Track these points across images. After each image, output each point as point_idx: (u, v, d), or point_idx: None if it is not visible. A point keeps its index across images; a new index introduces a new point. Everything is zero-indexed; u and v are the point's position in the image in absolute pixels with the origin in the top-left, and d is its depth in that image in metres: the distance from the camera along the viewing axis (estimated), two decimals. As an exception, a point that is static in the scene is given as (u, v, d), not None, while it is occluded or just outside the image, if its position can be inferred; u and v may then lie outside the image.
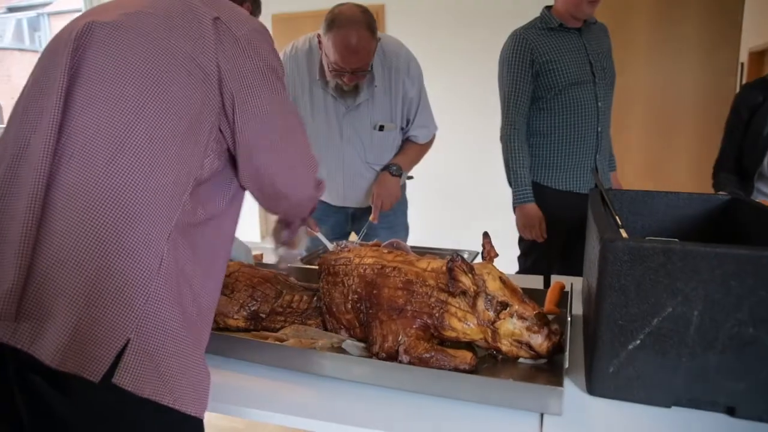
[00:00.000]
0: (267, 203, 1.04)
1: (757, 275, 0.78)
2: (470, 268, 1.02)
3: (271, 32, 1.71)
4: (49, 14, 12.10)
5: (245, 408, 0.94)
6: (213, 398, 0.87)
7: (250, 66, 0.88)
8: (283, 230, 1.30)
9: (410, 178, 2.13)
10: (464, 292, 1.02)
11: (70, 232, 0.76)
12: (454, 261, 1.03)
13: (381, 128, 1.77)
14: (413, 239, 4.04)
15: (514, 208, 2.06)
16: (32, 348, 0.74)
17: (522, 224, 2.06)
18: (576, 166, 2.01)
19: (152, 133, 0.81)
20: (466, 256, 1.63)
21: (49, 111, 0.79)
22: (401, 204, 2.01)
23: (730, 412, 0.84)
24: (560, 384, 0.85)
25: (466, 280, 1.01)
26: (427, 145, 1.95)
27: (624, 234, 1.27)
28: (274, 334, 1.16)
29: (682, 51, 3.36)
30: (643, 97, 3.47)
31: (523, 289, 1.28)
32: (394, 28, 3.90)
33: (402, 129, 1.84)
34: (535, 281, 1.55)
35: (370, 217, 1.77)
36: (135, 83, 0.81)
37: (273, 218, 1.30)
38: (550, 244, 2.06)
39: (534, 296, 1.28)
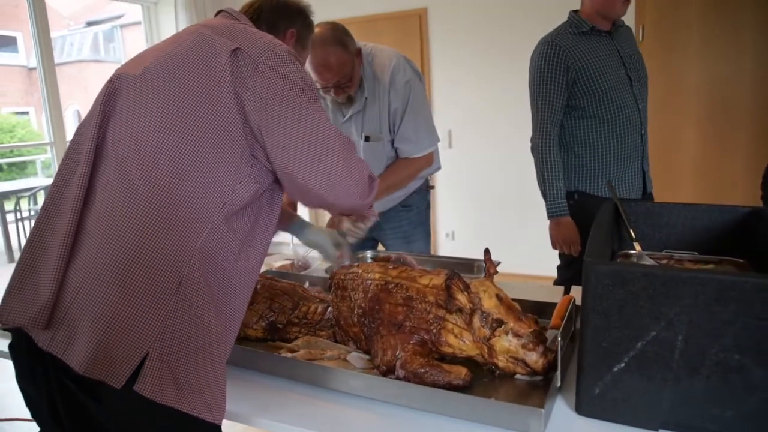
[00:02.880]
0: (323, 209, 1.12)
1: (741, 301, 0.77)
2: (466, 286, 1.05)
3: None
4: (121, 26, 12.88)
5: (253, 417, 1.01)
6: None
7: (272, 90, 0.92)
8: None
9: (432, 187, 2.14)
10: (460, 309, 1.05)
11: (96, 254, 0.86)
12: (451, 278, 1.06)
13: (367, 139, 1.82)
14: (460, 245, 4.04)
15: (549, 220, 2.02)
16: (65, 355, 0.85)
17: (558, 238, 2.00)
18: (625, 171, 1.94)
19: (173, 165, 0.89)
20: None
21: (86, 150, 0.92)
22: (419, 214, 2.03)
23: (720, 438, 0.83)
24: (542, 405, 0.87)
25: (461, 298, 1.04)
26: (416, 163, 1.88)
27: (638, 247, 1.26)
28: (287, 345, 1.24)
29: (737, 45, 3.14)
30: (696, 95, 3.28)
31: (543, 303, 1.29)
32: (437, 32, 3.90)
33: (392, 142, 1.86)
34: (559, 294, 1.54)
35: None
36: (154, 122, 0.90)
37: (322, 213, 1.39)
38: None
39: (550, 310, 1.28)
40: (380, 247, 2.14)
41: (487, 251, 1.17)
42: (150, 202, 0.87)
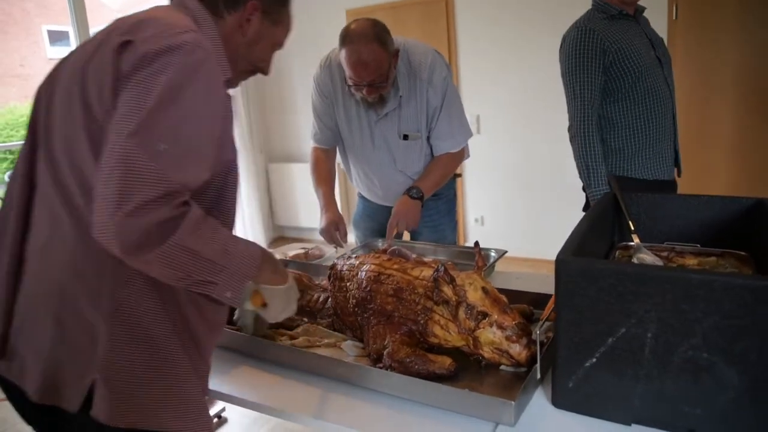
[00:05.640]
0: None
1: (709, 300, 0.76)
2: (452, 279, 1.07)
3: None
4: (165, 17, 13.19)
5: (241, 399, 1.07)
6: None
7: (135, 84, 0.78)
8: None
9: (458, 176, 2.14)
10: (446, 301, 1.07)
11: (33, 287, 0.86)
12: (438, 271, 1.08)
13: (406, 137, 1.79)
14: (489, 230, 4.02)
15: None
16: (21, 383, 0.87)
17: None
18: (659, 152, 1.91)
19: (83, 187, 0.81)
20: (493, 254, 1.65)
21: (20, 179, 0.89)
22: (447, 203, 2.03)
23: (692, 434, 0.83)
24: (513, 398, 0.88)
25: (447, 290, 1.07)
26: (456, 157, 1.89)
27: (636, 240, 1.25)
28: (289, 332, 1.29)
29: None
30: (732, 73, 3.09)
31: (542, 294, 1.29)
32: (464, 18, 3.84)
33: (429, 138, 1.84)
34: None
35: (386, 240, 1.77)
36: (61, 144, 0.84)
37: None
38: None
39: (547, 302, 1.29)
40: (406, 236, 2.16)
41: (476, 244, 1.18)
42: (71, 232, 0.82)
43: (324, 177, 1.90)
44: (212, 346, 0.96)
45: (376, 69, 1.59)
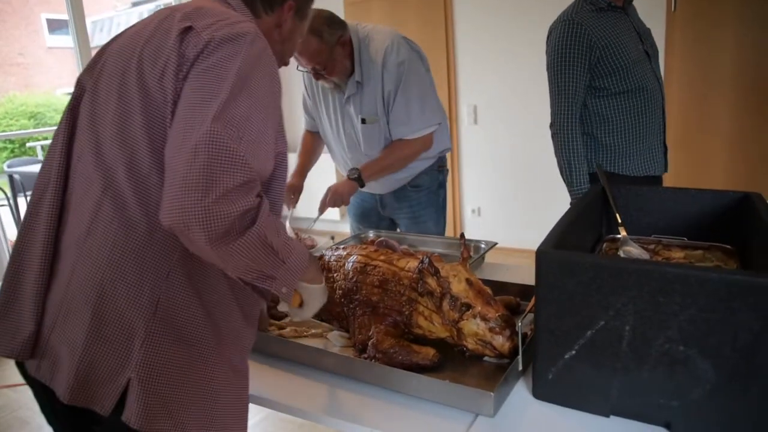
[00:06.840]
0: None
1: (685, 294, 0.76)
2: (436, 270, 1.07)
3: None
4: (164, 5, 13.16)
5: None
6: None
7: (213, 70, 0.78)
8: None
9: (442, 167, 2.13)
10: (430, 293, 1.08)
11: (69, 279, 0.82)
12: (422, 263, 1.09)
13: (363, 121, 1.84)
14: (486, 221, 4.02)
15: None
16: (52, 383, 0.83)
17: None
18: (649, 148, 1.90)
19: (131, 175, 0.80)
20: (483, 246, 1.66)
21: (56, 164, 0.87)
22: (429, 195, 2.03)
23: (668, 426, 0.83)
24: (492, 389, 0.89)
25: (431, 282, 1.07)
26: (412, 145, 1.86)
27: (623, 232, 1.25)
28: (277, 322, 1.30)
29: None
30: (734, 67, 3.07)
31: (530, 286, 1.29)
32: (462, 7, 3.82)
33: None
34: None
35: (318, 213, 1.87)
36: (109, 132, 0.83)
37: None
38: None
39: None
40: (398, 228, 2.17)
41: (462, 236, 1.18)
42: (113, 221, 0.80)
43: (303, 151, 2.07)
44: (250, 344, 0.94)
45: (312, 57, 1.70)
